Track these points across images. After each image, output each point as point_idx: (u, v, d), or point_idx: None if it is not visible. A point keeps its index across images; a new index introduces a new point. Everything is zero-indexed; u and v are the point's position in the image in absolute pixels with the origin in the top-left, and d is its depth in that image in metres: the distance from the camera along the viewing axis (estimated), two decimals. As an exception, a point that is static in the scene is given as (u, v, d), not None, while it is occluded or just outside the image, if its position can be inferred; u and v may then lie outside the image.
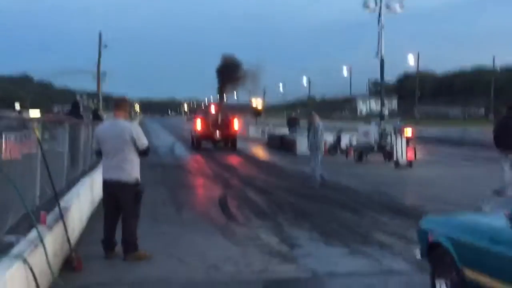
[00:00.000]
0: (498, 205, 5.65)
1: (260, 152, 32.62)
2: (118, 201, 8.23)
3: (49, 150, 9.16)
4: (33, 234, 6.57)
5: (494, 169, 14.40)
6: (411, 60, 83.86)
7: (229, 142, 33.46)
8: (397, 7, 25.68)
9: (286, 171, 21.31)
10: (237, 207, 13.00)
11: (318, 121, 16.84)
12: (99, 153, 8.57)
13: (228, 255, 8.53)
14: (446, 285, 5.86)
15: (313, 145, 16.68)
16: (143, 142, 8.25)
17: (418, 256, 6.49)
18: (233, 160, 26.72)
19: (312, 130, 16.84)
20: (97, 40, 58.25)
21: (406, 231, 9.84)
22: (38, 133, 8.29)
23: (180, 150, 33.90)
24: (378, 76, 27.85)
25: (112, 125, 8.44)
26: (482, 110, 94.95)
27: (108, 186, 8.30)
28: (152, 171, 18.91)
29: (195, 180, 19.11)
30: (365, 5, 25.53)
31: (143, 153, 8.30)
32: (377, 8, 25.17)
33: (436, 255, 5.97)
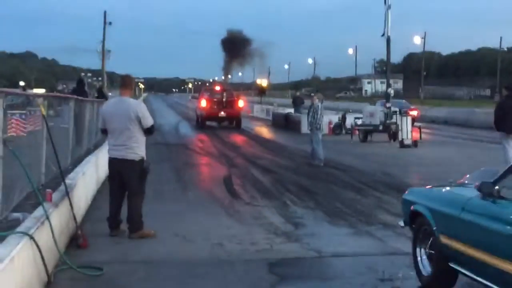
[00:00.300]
0: (477, 177, 5.91)
1: (264, 131, 32.62)
2: (123, 179, 8.25)
3: (54, 127, 9.16)
4: (39, 211, 6.59)
5: (499, 149, 14.36)
6: (416, 40, 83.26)
7: (234, 121, 33.51)
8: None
9: (290, 150, 21.32)
10: (241, 186, 13.03)
11: (318, 101, 16.99)
12: (104, 132, 8.58)
13: (233, 234, 8.57)
14: (425, 251, 6.26)
15: (312, 125, 16.87)
16: (148, 120, 8.25)
17: (402, 224, 6.90)
18: (238, 139, 26.73)
19: (312, 110, 16.99)
20: (102, 18, 58.01)
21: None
22: (44, 110, 8.29)
23: (185, 128, 33.92)
24: (383, 55, 27.76)
25: (117, 103, 8.43)
26: (488, 91, 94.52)
27: (114, 164, 8.31)
28: (157, 150, 18.93)
29: (199, 159, 19.14)
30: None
31: (148, 132, 8.31)
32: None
33: (416, 224, 6.42)
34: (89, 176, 10.94)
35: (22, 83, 78.81)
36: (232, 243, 8.06)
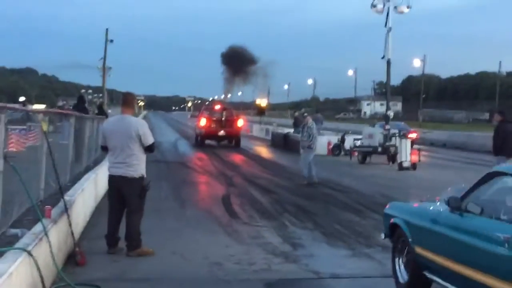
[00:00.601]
0: (451, 194, 6.14)
1: (263, 150, 32.63)
2: (123, 196, 8.25)
3: (53, 143, 9.16)
4: (38, 227, 6.57)
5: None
6: (416, 63, 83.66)
7: (233, 140, 33.53)
8: (404, 8, 25.63)
9: (289, 170, 21.31)
10: (240, 205, 13.02)
11: (311, 122, 17.54)
12: (105, 149, 8.59)
13: (231, 253, 8.55)
14: (402, 261, 6.83)
15: (305, 144, 17.29)
16: (149, 139, 8.26)
17: (383, 236, 7.38)
18: (237, 158, 26.73)
19: (306, 130, 17.37)
20: (103, 35, 58.27)
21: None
22: (45, 127, 8.30)
23: (184, 147, 33.93)
24: (383, 77, 27.88)
25: (119, 120, 8.44)
26: (486, 115, 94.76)
27: (114, 181, 8.31)
28: (156, 167, 18.91)
29: (198, 177, 19.11)
30: (373, 6, 25.49)
31: (148, 150, 8.32)
32: (385, 9, 25.12)
33: (395, 235, 6.99)
34: (88, 193, 10.92)
35: (22, 98, 78.76)
36: (230, 262, 8.04)
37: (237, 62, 51.08)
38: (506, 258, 4.83)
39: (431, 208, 6.57)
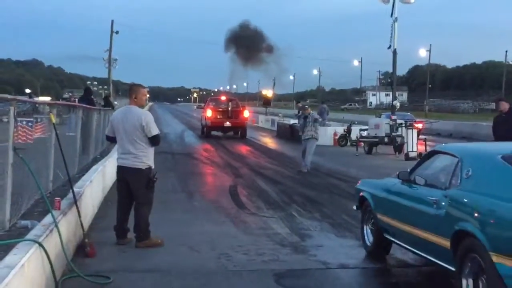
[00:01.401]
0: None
1: (269, 141, 32.64)
2: (131, 187, 8.27)
3: (60, 135, 9.19)
4: (47, 219, 6.62)
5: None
6: (422, 52, 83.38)
7: (239, 131, 33.54)
8: (410, -2, 25.53)
9: (295, 160, 21.29)
10: (247, 196, 13.05)
11: (311, 112, 18.40)
12: (109, 139, 8.68)
13: (239, 244, 8.57)
14: (369, 227, 8.27)
15: (307, 134, 17.80)
16: (152, 130, 8.22)
17: (355, 208, 8.76)
18: (243, 149, 26.75)
19: (310, 121, 17.89)
20: (108, 27, 58.24)
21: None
22: (53, 119, 8.33)
23: (190, 138, 33.97)
24: (388, 67, 27.85)
25: (126, 111, 8.46)
26: (492, 104, 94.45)
27: (122, 172, 8.34)
28: (162, 159, 18.96)
29: (205, 169, 19.14)
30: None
31: (152, 141, 8.28)
32: (391, -1, 25.03)
33: (363, 206, 8.43)
34: (96, 185, 10.97)
35: (28, 91, 79.05)
36: (238, 253, 8.06)
37: (250, 44, 49.85)
38: (434, 216, 6.23)
39: (388, 181, 7.98)
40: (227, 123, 32.99)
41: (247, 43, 51.81)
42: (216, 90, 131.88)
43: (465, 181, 6.04)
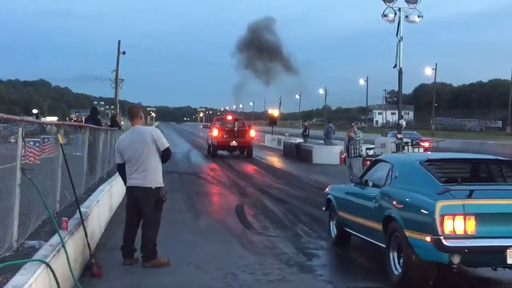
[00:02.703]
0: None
1: (276, 160, 32.65)
2: (140, 207, 8.30)
3: (68, 155, 9.25)
4: (55, 239, 6.64)
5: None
6: (428, 71, 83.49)
7: (245, 150, 33.59)
8: (415, 17, 25.60)
9: (302, 180, 21.34)
10: (253, 216, 13.05)
11: (356, 130, 19.62)
12: (120, 166, 8.55)
13: (245, 263, 8.57)
14: (333, 222, 10.10)
15: (352, 153, 19.11)
16: (164, 142, 8.32)
17: (323, 208, 10.71)
18: (249, 168, 26.77)
19: (352, 141, 19.16)
20: (115, 47, 58.58)
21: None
22: (61, 139, 8.39)
23: (196, 157, 34.01)
24: (394, 86, 27.88)
25: (132, 132, 8.52)
26: (499, 123, 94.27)
27: (132, 192, 8.37)
28: (169, 178, 18.96)
29: (211, 188, 19.16)
30: (384, 15, 25.48)
31: (164, 156, 8.35)
32: (396, 18, 25.10)
33: (329, 206, 10.39)
34: (103, 205, 11.01)
35: (35, 111, 79.48)
36: (244, 273, 8.06)
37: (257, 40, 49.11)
38: (373, 207, 8.21)
39: (347, 185, 9.99)
40: (233, 143, 33.05)
41: (265, 45, 50.98)
42: (222, 109, 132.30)
43: (393, 180, 8.09)
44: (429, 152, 23.11)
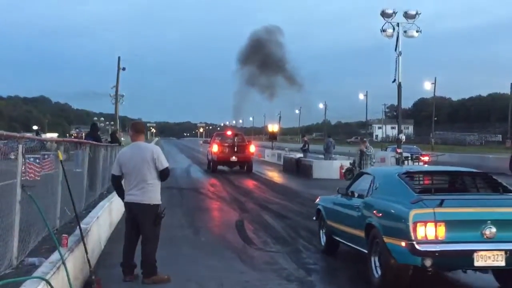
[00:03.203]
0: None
1: (275, 176, 32.64)
2: (138, 223, 8.29)
3: (68, 172, 9.25)
4: (55, 256, 6.64)
5: None
6: (427, 85, 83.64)
7: (245, 165, 33.61)
8: (414, 32, 25.73)
9: (302, 195, 21.32)
10: (253, 231, 13.03)
11: (368, 145, 20.08)
12: (114, 178, 8.57)
13: (246, 279, 8.56)
14: (323, 231, 10.85)
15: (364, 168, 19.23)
16: (163, 162, 8.32)
17: (314, 218, 11.47)
18: (249, 183, 26.76)
19: (364, 156, 19.58)
20: (115, 63, 58.75)
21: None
22: (61, 156, 8.39)
23: (196, 173, 34.01)
24: (394, 100, 27.94)
25: (132, 148, 8.53)
26: (499, 136, 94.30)
27: (130, 208, 8.36)
28: (169, 194, 18.97)
29: (211, 203, 19.15)
30: (383, 31, 25.62)
31: (163, 175, 8.35)
32: (395, 33, 25.25)
33: (319, 216, 11.15)
34: (103, 221, 11.00)
35: (35, 127, 79.57)
36: (245, 289, 8.04)
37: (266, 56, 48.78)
38: (357, 216, 8.90)
39: (334, 196, 10.57)
40: (233, 158, 33.10)
41: (267, 52, 50.60)
42: (222, 124, 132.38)
43: (374, 191, 8.78)
44: (413, 164, 23.22)
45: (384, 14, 25.31)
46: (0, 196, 6.59)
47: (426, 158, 27.85)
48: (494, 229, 7.23)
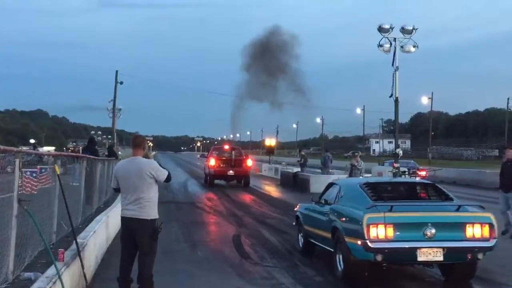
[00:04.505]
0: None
1: (273, 190, 32.61)
2: (135, 238, 8.26)
3: (65, 185, 9.23)
4: (51, 271, 6.61)
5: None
6: (424, 100, 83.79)
7: (242, 179, 33.59)
8: (411, 47, 25.80)
9: (299, 210, 21.25)
10: (251, 246, 13.00)
11: (359, 160, 20.85)
12: (117, 190, 8.63)
13: (243, 295, 8.52)
14: (301, 234, 12.17)
15: None
16: (163, 175, 8.28)
17: (294, 223, 12.87)
18: (246, 198, 26.73)
19: (355, 169, 20.38)
20: (113, 77, 58.77)
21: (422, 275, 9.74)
22: (58, 170, 8.38)
23: (193, 187, 33.97)
24: (391, 115, 28.01)
25: (130, 162, 8.49)
26: (496, 151, 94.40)
27: (126, 223, 8.32)
28: (166, 208, 18.94)
29: (208, 218, 19.11)
30: (380, 46, 25.68)
31: (166, 182, 8.39)
32: (392, 48, 25.31)
33: (297, 221, 12.51)
34: (100, 235, 10.96)
35: (32, 141, 79.50)
36: (242, 304, 8.01)
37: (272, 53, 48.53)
38: (325, 220, 10.28)
39: (310, 204, 11.81)
40: (231, 172, 33.09)
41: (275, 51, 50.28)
42: (219, 138, 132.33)
43: (340, 199, 10.23)
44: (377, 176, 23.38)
45: (381, 29, 25.37)
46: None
47: (423, 173, 27.82)
48: (433, 230, 8.54)
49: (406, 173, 23.59)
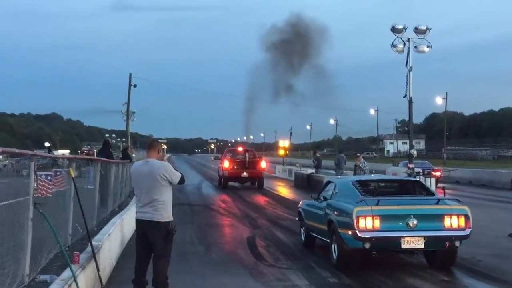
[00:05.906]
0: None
1: (287, 191, 32.57)
2: (149, 240, 8.28)
3: (80, 188, 9.28)
4: (66, 273, 6.64)
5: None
6: (438, 100, 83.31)
7: (256, 181, 33.58)
8: (424, 47, 25.67)
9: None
10: (265, 247, 13.00)
11: (362, 161, 21.67)
12: None
13: (258, 297, 8.51)
14: (303, 229, 13.23)
15: None
16: (176, 177, 8.30)
17: (297, 218, 13.79)
18: (260, 199, 26.72)
19: (357, 169, 20.99)
20: (127, 80, 59.00)
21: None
22: (73, 173, 8.41)
23: (207, 189, 34.01)
24: (405, 115, 27.90)
25: (144, 165, 8.52)
26: (511, 151, 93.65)
27: (141, 225, 8.34)
28: (180, 210, 18.98)
29: (223, 220, 19.13)
30: (393, 46, 25.58)
31: (179, 184, 8.42)
32: (405, 48, 25.20)
33: (300, 217, 13.53)
34: (115, 238, 11.00)
35: (47, 144, 79.86)
36: (257, 306, 8.00)
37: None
38: (322, 214, 11.41)
39: (310, 200, 12.93)
40: (244, 174, 33.11)
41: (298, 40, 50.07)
42: (233, 140, 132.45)
43: (335, 195, 11.44)
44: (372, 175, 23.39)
45: (394, 30, 25.28)
46: (12, 214, 6.61)
47: (437, 174, 27.66)
48: (415, 221, 9.68)
49: (421, 173, 23.43)
